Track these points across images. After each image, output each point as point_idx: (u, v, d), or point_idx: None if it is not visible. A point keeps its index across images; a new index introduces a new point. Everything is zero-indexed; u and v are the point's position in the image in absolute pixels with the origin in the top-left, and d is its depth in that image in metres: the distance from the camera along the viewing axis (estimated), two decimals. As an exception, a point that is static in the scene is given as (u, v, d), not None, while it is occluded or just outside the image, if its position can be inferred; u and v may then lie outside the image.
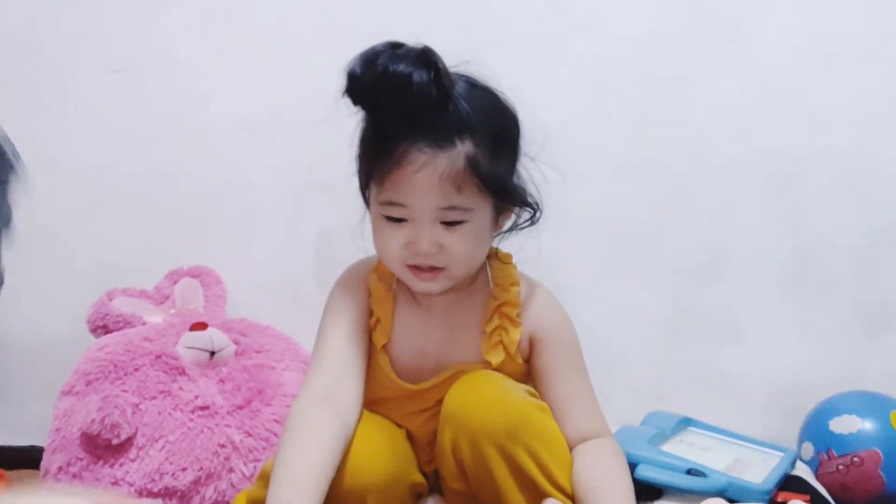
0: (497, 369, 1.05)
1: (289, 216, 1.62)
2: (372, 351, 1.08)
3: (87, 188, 1.61)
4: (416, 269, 1.00)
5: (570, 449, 1.03)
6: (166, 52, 1.60)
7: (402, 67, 0.91)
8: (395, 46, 0.94)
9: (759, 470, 1.25)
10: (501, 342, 1.06)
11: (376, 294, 1.08)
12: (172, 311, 1.52)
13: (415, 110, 0.93)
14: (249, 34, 1.60)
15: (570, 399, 1.06)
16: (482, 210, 1.00)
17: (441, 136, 0.95)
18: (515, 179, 1.04)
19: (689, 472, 1.18)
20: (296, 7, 1.58)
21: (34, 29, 1.59)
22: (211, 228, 1.62)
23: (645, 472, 1.16)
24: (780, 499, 1.22)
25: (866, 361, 1.55)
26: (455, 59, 1.03)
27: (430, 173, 0.95)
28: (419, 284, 1.02)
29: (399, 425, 1.08)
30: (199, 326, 1.41)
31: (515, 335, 1.06)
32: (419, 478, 1.07)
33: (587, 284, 1.58)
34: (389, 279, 1.09)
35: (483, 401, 0.98)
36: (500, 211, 1.04)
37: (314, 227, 1.60)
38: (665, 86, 1.56)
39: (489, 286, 1.08)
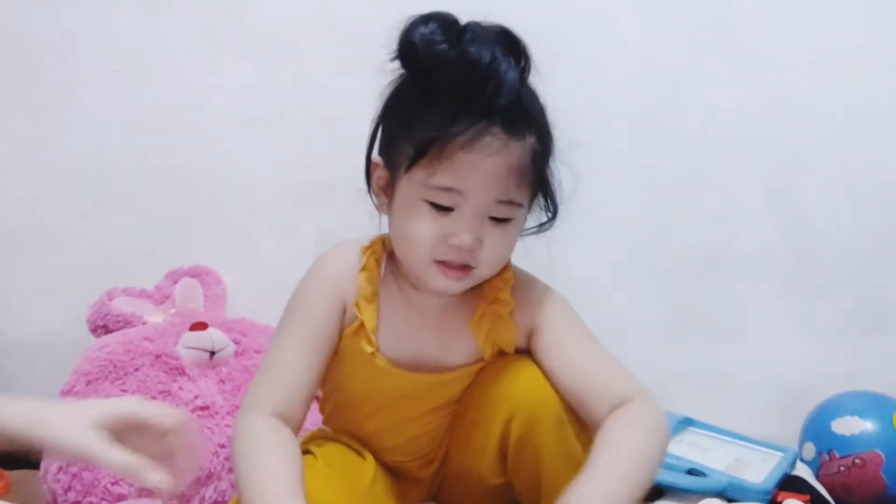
0: None
1: (289, 216, 1.62)
2: (359, 359, 0.99)
3: (87, 188, 1.61)
4: (444, 265, 0.91)
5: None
6: (166, 52, 1.59)
7: (483, 51, 0.85)
8: (454, 20, 0.87)
9: (758, 470, 1.25)
10: (497, 343, 1.00)
11: (363, 296, 0.98)
12: (172, 311, 1.52)
13: (495, 95, 0.86)
14: (249, 34, 1.59)
15: (587, 371, 0.95)
16: (524, 209, 0.95)
17: (516, 125, 0.88)
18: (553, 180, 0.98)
19: (689, 472, 1.18)
20: (296, 7, 1.58)
21: (35, 29, 1.59)
22: (211, 228, 1.62)
23: (645, 472, 1.16)
24: (780, 499, 1.22)
25: (867, 361, 1.55)
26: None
27: (499, 161, 0.87)
28: (444, 283, 0.93)
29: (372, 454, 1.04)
30: (200, 326, 1.41)
31: (510, 335, 0.99)
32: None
33: (587, 283, 1.58)
34: (376, 276, 1.00)
35: (535, 383, 0.95)
36: (528, 212, 0.98)
37: (314, 227, 1.60)
38: (665, 86, 1.56)
39: (482, 286, 1.00)
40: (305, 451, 0.99)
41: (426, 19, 0.87)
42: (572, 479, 0.87)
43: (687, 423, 1.42)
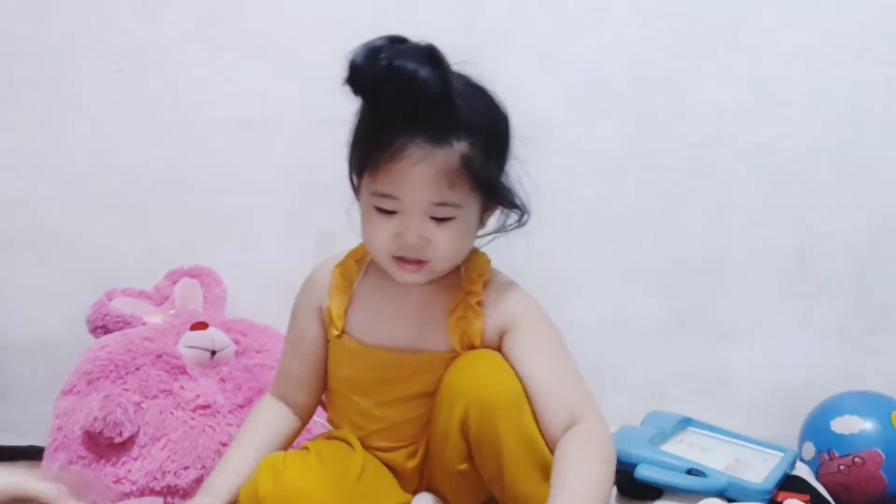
0: None
1: (289, 216, 1.62)
2: (335, 345, 1.11)
3: (87, 188, 1.61)
4: (401, 260, 1.02)
5: (556, 440, 0.98)
6: (166, 52, 1.60)
7: (407, 63, 0.92)
8: (398, 41, 0.95)
9: (759, 470, 1.25)
10: (466, 332, 1.05)
11: (335, 285, 1.11)
12: (172, 312, 1.52)
13: (417, 107, 0.94)
14: (249, 34, 1.60)
15: (547, 381, 1.01)
16: (470, 208, 1.01)
17: (439, 133, 0.96)
18: (504, 180, 1.05)
19: (689, 472, 1.18)
20: (295, 7, 1.58)
21: (34, 29, 1.59)
22: (211, 228, 1.62)
23: (645, 472, 1.16)
24: (779, 499, 1.22)
25: (866, 361, 1.55)
26: (455, 58, 1.04)
27: (425, 168, 0.96)
28: (403, 276, 1.03)
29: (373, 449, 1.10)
30: (200, 326, 1.42)
31: (478, 325, 1.05)
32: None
33: (587, 284, 1.58)
34: (353, 272, 1.12)
35: (490, 372, 1.01)
36: (485, 210, 1.05)
37: (314, 227, 1.60)
38: (665, 86, 1.56)
39: (461, 278, 1.09)
40: (304, 448, 1.09)
41: (368, 43, 0.96)
42: (531, 464, 0.98)
43: (686, 423, 1.41)
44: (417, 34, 1.51)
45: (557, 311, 1.53)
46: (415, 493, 1.11)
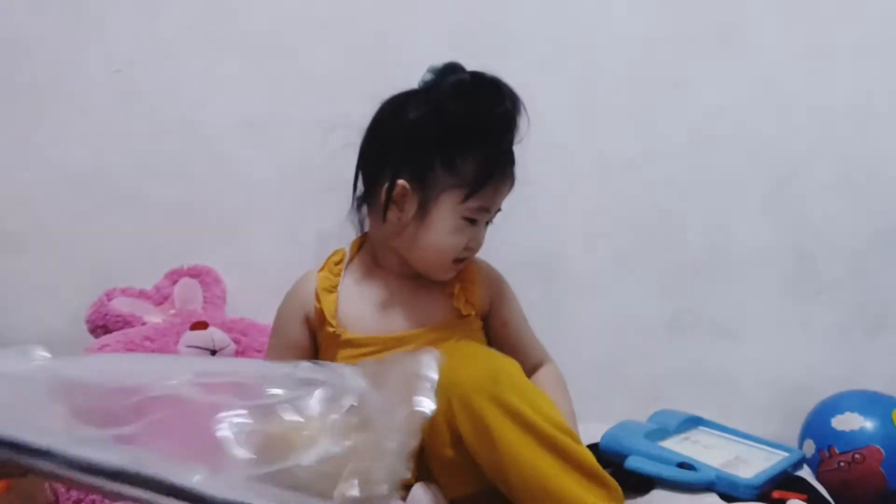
0: (461, 328, 1.19)
1: (289, 216, 1.62)
2: (331, 345, 1.17)
3: (87, 188, 1.61)
4: (459, 261, 1.18)
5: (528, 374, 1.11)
6: (166, 52, 1.60)
7: (520, 107, 1.13)
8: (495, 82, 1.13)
9: (756, 467, 1.25)
10: (469, 299, 1.20)
11: (322, 288, 1.19)
12: (172, 312, 1.52)
13: (516, 142, 1.16)
14: (249, 34, 1.60)
15: (521, 337, 1.26)
16: None
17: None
18: None
19: (679, 465, 1.18)
20: (296, 7, 1.58)
21: (34, 29, 1.59)
22: (211, 228, 1.62)
23: (634, 463, 1.16)
24: (777, 497, 1.21)
25: (866, 361, 1.56)
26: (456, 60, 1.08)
27: (511, 184, 1.17)
28: (450, 273, 1.19)
29: None
30: (200, 326, 1.42)
31: (480, 291, 1.21)
32: None
33: (587, 284, 1.58)
34: (335, 275, 1.21)
35: (462, 360, 1.03)
36: None
37: (314, 228, 1.60)
38: (665, 86, 1.56)
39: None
40: None
41: (503, 86, 1.13)
42: (528, 434, 0.99)
43: (696, 421, 1.41)
44: (418, 34, 1.52)
45: (558, 311, 1.55)
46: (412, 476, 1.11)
